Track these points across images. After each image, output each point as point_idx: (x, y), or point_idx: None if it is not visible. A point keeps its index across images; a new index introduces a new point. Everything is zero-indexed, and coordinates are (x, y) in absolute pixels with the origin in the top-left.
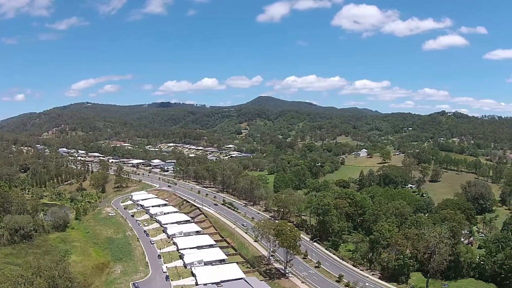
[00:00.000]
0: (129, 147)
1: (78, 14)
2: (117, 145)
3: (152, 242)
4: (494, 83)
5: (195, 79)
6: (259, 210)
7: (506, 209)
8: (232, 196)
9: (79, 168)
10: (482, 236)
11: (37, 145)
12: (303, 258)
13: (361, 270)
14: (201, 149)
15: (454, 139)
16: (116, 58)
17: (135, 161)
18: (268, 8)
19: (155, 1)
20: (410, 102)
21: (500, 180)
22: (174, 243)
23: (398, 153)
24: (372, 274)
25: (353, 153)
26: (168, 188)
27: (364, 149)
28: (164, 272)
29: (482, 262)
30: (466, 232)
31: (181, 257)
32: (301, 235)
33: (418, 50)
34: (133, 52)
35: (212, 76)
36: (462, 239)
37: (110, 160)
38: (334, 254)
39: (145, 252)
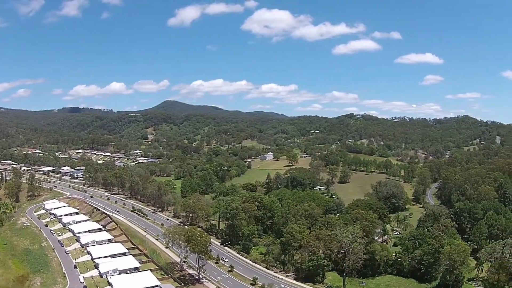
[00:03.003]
0: (40, 154)
1: None
2: (29, 152)
3: (67, 252)
4: (406, 86)
5: (103, 83)
6: (168, 216)
7: (420, 207)
8: (140, 202)
9: None
10: (397, 234)
11: None
12: (216, 263)
13: (274, 272)
14: (108, 155)
15: (362, 140)
16: (30, 62)
17: (46, 169)
18: (180, 12)
19: (71, 3)
20: (317, 105)
21: (413, 179)
22: (88, 252)
23: (305, 155)
24: (287, 276)
25: (259, 156)
26: (78, 195)
27: (270, 152)
28: (81, 283)
29: (399, 259)
30: (379, 230)
31: (96, 266)
32: (212, 240)
33: (327, 55)
34: (46, 55)
35: (120, 80)
36: (376, 238)
37: (23, 168)
38: (246, 257)
39: (61, 263)
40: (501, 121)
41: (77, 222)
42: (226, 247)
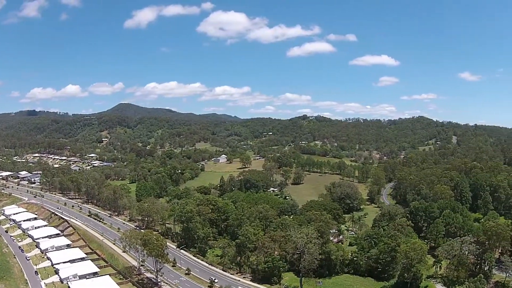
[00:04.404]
0: None
1: None
2: None
3: (27, 258)
4: (360, 87)
5: (59, 86)
6: (124, 220)
7: (375, 207)
8: (97, 207)
9: None
10: (352, 234)
11: None
12: (173, 266)
13: (231, 274)
14: (64, 159)
15: (316, 142)
16: None
17: (4, 173)
18: (137, 13)
19: (31, 4)
20: (270, 107)
21: (367, 179)
22: (48, 258)
23: (258, 157)
24: (244, 277)
25: (213, 159)
26: (36, 201)
27: (223, 155)
28: None
29: (355, 258)
30: (334, 231)
31: (56, 272)
32: (168, 243)
33: (282, 57)
34: (5, 57)
35: (76, 82)
36: (331, 238)
37: None
38: (202, 260)
39: (23, 269)
40: (457, 121)
41: (36, 228)
42: (182, 250)
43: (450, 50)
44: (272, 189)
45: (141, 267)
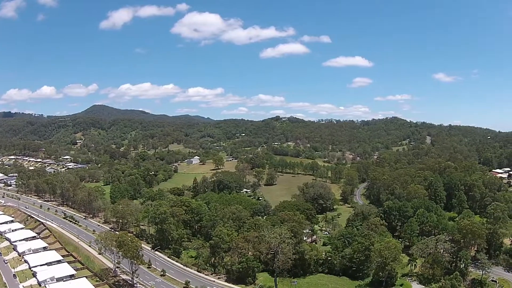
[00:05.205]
0: None
1: None
2: None
3: (5, 261)
4: (333, 88)
5: (35, 87)
6: (99, 222)
7: (348, 207)
8: (72, 209)
9: None
10: (326, 234)
11: None
12: (148, 267)
13: (206, 275)
14: (39, 161)
15: (289, 143)
16: None
17: None
18: (112, 14)
19: (9, 4)
20: (243, 109)
21: (340, 180)
22: (26, 261)
23: (231, 159)
24: (218, 278)
25: (186, 160)
26: (12, 203)
27: (196, 156)
28: None
29: (329, 258)
30: (308, 231)
31: (34, 275)
32: (143, 244)
33: (255, 58)
34: None
35: (51, 84)
36: (305, 238)
37: None
38: (177, 261)
39: (1, 273)
40: (431, 121)
41: (13, 231)
42: (157, 252)
43: (425, 51)
44: (245, 190)
45: (116, 269)
